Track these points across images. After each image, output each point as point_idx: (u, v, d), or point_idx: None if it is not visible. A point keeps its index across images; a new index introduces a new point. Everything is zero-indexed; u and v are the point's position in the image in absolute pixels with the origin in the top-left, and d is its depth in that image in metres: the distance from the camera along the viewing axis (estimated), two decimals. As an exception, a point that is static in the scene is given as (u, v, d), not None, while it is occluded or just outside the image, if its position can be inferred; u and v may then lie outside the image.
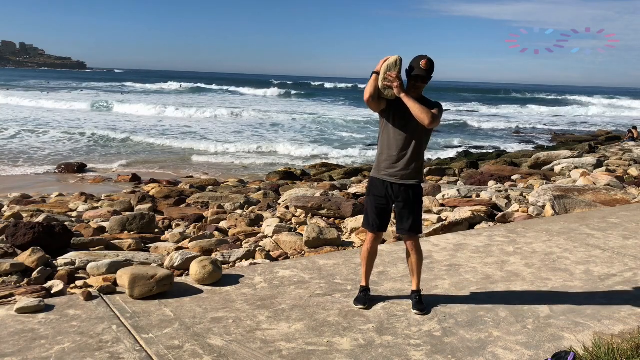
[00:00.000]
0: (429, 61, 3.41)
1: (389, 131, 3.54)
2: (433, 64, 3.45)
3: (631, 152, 14.95)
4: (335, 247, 5.55)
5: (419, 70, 3.40)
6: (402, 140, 3.49)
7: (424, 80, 3.44)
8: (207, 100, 47.14)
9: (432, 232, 5.97)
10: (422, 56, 3.45)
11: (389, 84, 3.36)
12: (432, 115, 3.35)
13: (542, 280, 4.31)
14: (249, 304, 3.70)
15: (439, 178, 12.29)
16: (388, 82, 3.36)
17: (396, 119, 3.50)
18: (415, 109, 3.34)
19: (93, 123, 25.51)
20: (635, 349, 2.94)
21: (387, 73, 3.36)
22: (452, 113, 40.73)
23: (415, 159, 3.53)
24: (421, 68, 3.40)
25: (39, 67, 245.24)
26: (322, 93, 66.28)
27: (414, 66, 3.43)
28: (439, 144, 22.29)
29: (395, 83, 3.34)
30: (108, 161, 16.22)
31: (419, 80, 3.43)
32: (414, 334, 3.32)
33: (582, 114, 45.18)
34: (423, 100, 3.48)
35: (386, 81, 3.36)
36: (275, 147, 19.78)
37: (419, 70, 3.40)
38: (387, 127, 3.56)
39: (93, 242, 5.66)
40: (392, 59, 3.37)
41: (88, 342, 3.08)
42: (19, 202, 9.43)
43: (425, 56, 3.45)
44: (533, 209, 7.08)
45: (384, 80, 3.37)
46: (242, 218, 7.21)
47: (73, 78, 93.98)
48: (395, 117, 3.50)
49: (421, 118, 3.34)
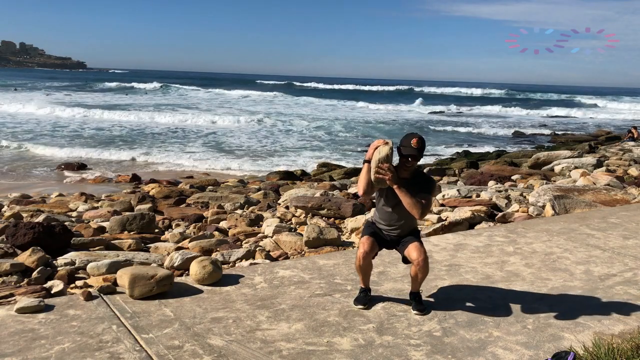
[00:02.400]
0: (419, 140, 3.47)
1: (383, 206, 3.63)
2: (424, 142, 3.52)
3: (631, 152, 14.95)
4: (335, 247, 5.55)
5: (410, 149, 3.44)
6: (396, 215, 3.58)
7: (415, 158, 3.47)
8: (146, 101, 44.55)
9: (432, 232, 5.97)
10: (412, 135, 3.52)
11: (381, 177, 3.39)
12: (421, 207, 3.43)
13: (542, 280, 4.31)
14: (249, 304, 3.70)
15: (439, 178, 12.28)
16: (381, 175, 3.38)
17: (389, 198, 3.56)
18: (406, 202, 3.41)
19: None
20: (635, 349, 2.94)
21: (378, 165, 3.37)
22: (453, 114, 40.76)
23: (409, 224, 3.65)
24: (412, 147, 3.44)
25: (39, 67, 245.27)
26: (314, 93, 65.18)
27: (405, 145, 3.47)
28: (438, 145, 22.30)
29: (388, 176, 3.37)
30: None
31: (411, 159, 3.46)
32: (414, 334, 3.32)
33: (582, 114, 45.17)
34: (416, 176, 3.55)
35: (379, 174, 3.38)
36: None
37: (410, 150, 3.44)
38: (380, 201, 3.64)
39: (93, 242, 5.66)
40: (384, 152, 3.38)
41: (88, 342, 3.08)
42: (19, 202, 9.43)
43: (416, 135, 3.52)
44: (533, 209, 7.08)
45: (376, 173, 3.39)
46: (242, 218, 7.21)
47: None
48: (388, 197, 3.57)
49: (413, 212, 3.43)
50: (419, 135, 3.53)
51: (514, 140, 25.46)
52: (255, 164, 16.42)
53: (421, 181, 3.56)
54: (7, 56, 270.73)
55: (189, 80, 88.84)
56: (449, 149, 21.02)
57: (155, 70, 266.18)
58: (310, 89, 78.24)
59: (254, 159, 17.15)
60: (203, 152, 18.10)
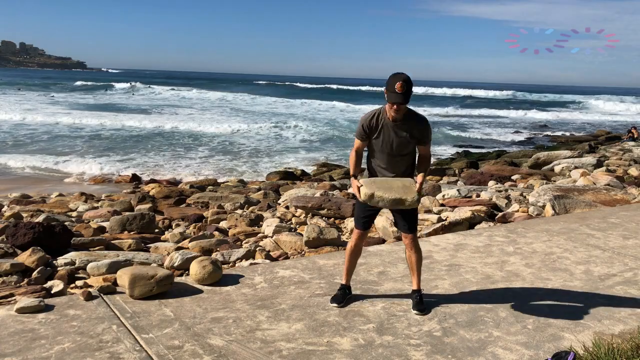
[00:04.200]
0: (403, 83, 3.21)
1: (376, 156, 3.56)
2: (410, 84, 3.25)
3: (631, 152, 14.94)
4: (335, 247, 5.55)
5: (394, 96, 3.23)
6: (393, 162, 3.53)
7: (401, 104, 3.28)
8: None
9: (432, 232, 5.97)
10: (397, 76, 3.25)
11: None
12: (429, 163, 3.58)
13: (542, 280, 4.31)
14: (249, 304, 3.70)
15: (439, 178, 12.28)
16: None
17: (384, 144, 3.48)
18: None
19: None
20: (635, 349, 2.94)
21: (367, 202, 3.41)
22: (452, 115, 40.75)
23: (408, 170, 3.60)
24: (397, 93, 3.22)
25: (39, 67, 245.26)
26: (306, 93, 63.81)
27: (390, 90, 3.25)
28: (438, 145, 22.30)
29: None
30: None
31: (396, 105, 3.29)
32: (414, 334, 3.32)
33: (582, 115, 45.16)
34: (409, 118, 3.43)
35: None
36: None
37: (395, 97, 3.23)
38: (373, 151, 3.57)
39: (93, 242, 5.66)
40: (363, 198, 3.38)
41: (88, 342, 3.08)
42: (19, 202, 9.44)
43: (401, 76, 3.24)
44: (533, 209, 7.08)
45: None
46: (242, 218, 7.21)
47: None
48: (382, 144, 3.48)
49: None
50: (404, 77, 3.22)
51: (514, 140, 25.46)
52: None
53: (414, 124, 3.41)
54: (7, 56, 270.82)
55: (181, 81, 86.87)
56: (449, 149, 21.03)
57: (157, 71, 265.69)
58: (306, 89, 77.68)
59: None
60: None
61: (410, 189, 3.33)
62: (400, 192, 3.31)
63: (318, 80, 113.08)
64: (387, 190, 3.32)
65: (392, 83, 3.24)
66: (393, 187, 3.35)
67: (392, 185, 3.37)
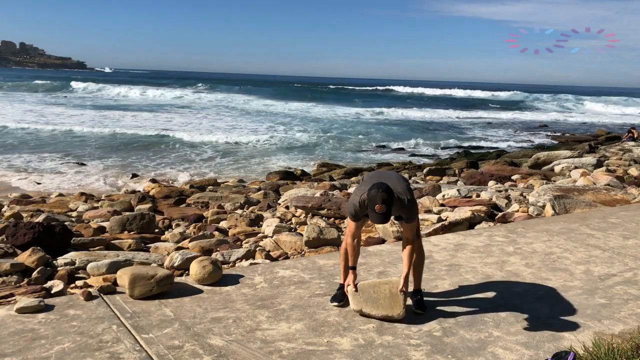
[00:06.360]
0: (383, 204, 3.09)
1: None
2: (391, 201, 3.12)
3: (631, 152, 14.93)
4: (335, 247, 5.55)
5: (375, 217, 3.15)
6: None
7: (383, 223, 3.23)
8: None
9: (432, 232, 5.97)
10: (376, 196, 3.10)
11: None
12: (419, 247, 3.60)
13: (542, 280, 4.31)
14: (249, 304, 3.70)
15: (439, 178, 12.28)
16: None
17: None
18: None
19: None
20: (635, 349, 2.94)
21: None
22: (452, 115, 40.73)
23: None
24: (377, 213, 3.13)
25: (39, 67, 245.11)
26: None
27: (370, 209, 3.15)
28: (438, 145, 22.30)
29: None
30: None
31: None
32: (414, 334, 3.32)
33: (582, 115, 45.16)
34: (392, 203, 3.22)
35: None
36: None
37: (375, 218, 3.16)
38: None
39: (93, 242, 5.66)
40: (352, 308, 3.53)
41: (88, 342, 3.08)
42: (19, 202, 9.44)
43: (380, 196, 3.09)
44: (533, 209, 7.08)
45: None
46: (242, 218, 7.21)
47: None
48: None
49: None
50: (382, 196, 3.09)
51: (513, 140, 25.46)
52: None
53: (398, 207, 3.33)
54: (7, 56, 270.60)
55: (174, 81, 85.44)
56: (449, 149, 21.03)
57: (155, 71, 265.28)
58: (306, 89, 77.31)
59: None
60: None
61: (397, 299, 3.43)
62: (387, 307, 3.44)
63: (318, 80, 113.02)
64: (374, 305, 3.46)
65: (373, 201, 3.13)
66: (379, 299, 3.46)
67: (378, 296, 3.47)
